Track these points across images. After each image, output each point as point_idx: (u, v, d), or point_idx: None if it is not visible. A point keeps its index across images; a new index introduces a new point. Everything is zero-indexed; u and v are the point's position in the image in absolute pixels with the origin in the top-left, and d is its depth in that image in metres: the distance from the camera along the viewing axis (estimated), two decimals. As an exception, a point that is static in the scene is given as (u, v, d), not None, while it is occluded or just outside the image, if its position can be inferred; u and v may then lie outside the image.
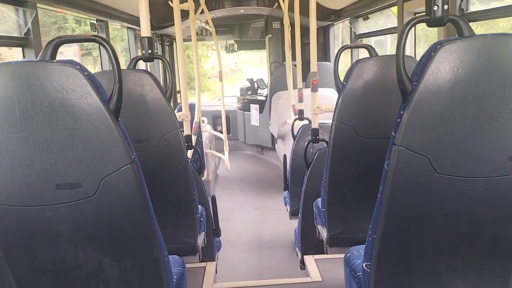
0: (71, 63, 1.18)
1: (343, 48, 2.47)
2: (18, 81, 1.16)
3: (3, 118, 1.17)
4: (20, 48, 2.63)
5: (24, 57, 2.63)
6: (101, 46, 1.39)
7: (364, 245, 1.47)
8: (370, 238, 1.38)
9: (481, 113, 1.17)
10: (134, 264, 1.35)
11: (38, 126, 1.17)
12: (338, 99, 2.13)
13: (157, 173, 2.16)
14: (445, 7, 1.21)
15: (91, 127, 1.19)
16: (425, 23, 1.25)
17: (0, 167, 1.19)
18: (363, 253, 1.51)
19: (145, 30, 2.08)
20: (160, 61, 5.88)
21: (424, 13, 1.26)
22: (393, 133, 1.23)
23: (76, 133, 1.19)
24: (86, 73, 1.18)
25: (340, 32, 6.24)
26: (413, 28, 2.57)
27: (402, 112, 1.21)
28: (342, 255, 1.86)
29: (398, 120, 1.22)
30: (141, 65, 4.39)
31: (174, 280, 1.60)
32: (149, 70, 4.53)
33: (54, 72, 1.16)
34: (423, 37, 3.66)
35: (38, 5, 2.66)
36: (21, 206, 1.22)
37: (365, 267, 1.44)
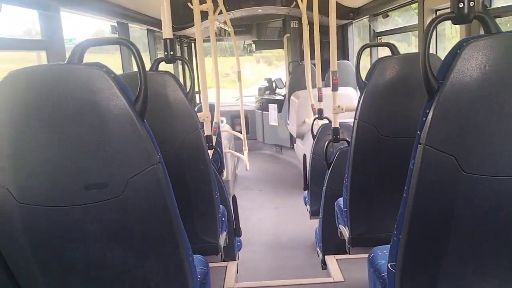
0: (97, 65, 1.20)
1: (365, 47, 2.44)
2: (47, 83, 1.19)
3: (32, 119, 1.19)
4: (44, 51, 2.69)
5: (48, 60, 2.68)
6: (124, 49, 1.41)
7: (388, 245, 1.45)
8: (395, 238, 1.37)
9: (509, 111, 1.15)
10: (159, 263, 1.37)
11: (66, 127, 1.19)
12: (360, 98, 2.11)
13: (179, 173, 2.17)
14: (471, 3, 1.19)
15: (118, 128, 1.21)
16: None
17: (29, 168, 1.22)
18: (387, 253, 1.50)
19: (168, 31, 2.10)
20: (179, 62, 5.94)
21: (446, 10, 1.24)
22: (418, 132, 1.22)
23: (103, 134, 1.20)
24: (112, 75, 1.20)
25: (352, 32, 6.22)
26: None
27: (427, 110, 1.19)
28: (364, 255, 1.84)
29: (424, 118, 1.20)
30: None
31: (198, 279, 1.62)
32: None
33: (81, 75, 1.19)
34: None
35: (61, 9, 2.71)
36: (50, 206, 1.24)
37: (390, 267, 1.43)
